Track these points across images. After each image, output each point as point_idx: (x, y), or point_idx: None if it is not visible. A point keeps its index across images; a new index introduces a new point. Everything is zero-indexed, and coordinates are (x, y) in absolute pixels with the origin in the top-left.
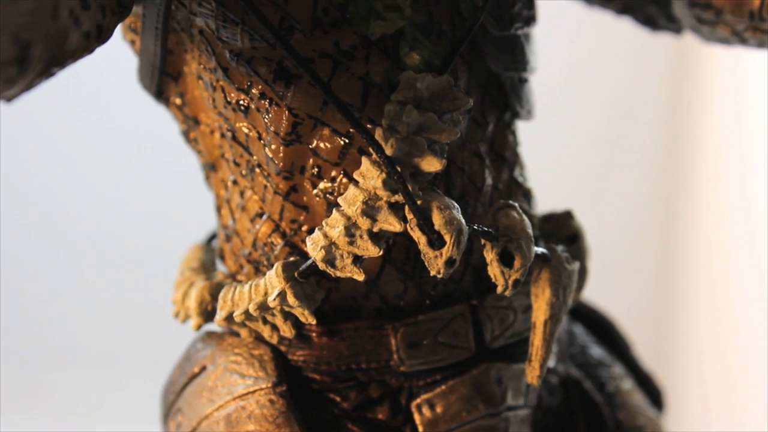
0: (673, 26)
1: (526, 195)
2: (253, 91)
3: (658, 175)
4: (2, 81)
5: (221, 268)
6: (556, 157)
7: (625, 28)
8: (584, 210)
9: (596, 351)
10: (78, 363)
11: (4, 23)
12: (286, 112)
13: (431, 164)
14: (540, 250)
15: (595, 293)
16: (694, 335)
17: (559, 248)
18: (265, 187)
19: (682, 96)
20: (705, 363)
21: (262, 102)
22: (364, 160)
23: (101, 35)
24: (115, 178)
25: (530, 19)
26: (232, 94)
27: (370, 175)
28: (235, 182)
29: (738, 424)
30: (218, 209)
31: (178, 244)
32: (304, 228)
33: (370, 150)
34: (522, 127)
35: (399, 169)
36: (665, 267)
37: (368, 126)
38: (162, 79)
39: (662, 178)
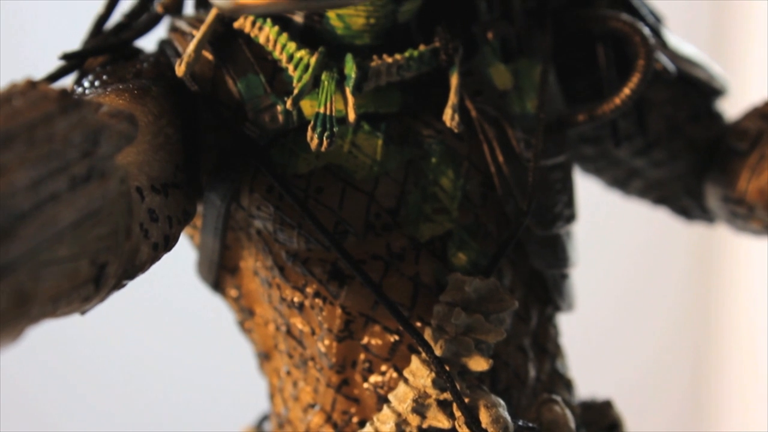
0: (707, 216)
1: (568, 385)
2: (308, 289)
3: (688, 323)
4: (80, 299)
5: None
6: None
7: None
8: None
9: None
10: None
11: (83, 249)
12: (339, 310)
13: (478, 364)
14: None
15: None
16: None
17: None
18: (318, 379)
19: (711, 247)
20: None
21: (316, 300)
22: (414, 359)
23: (168, 245)
24: None
25: (571, 218)
26: (288, 292)
27: (420, 373)
28: (288, 373)
29: None
30: (271, 397)
31: None
32: (355, 420)
33: (420, 348)
34: None
35: (447, 368)
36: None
37: (417, 324)
38: (219, 272)
39: (693, 326)
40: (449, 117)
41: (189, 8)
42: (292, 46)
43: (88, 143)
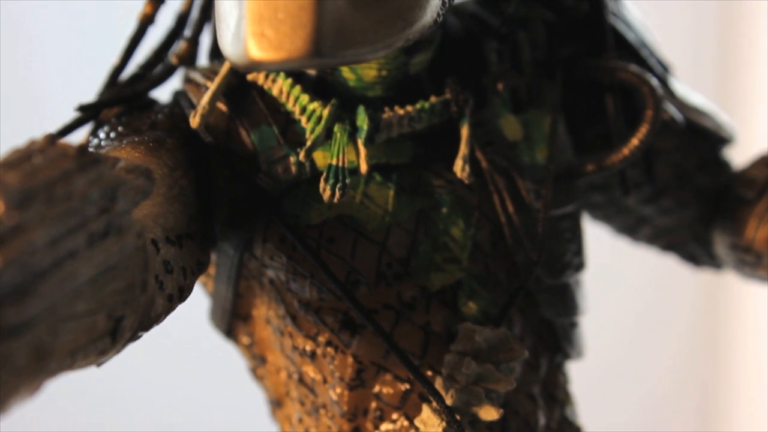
0: (715, 263)
1: None
2: (320, 338)
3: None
4: (97, 352)
5: None
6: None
7: None
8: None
9: None
10: None
11: (100, 303)
12: (351, 359)
13: (489, 413)
14: None
15: None
16: None
17: None
18: (329, 427)
19: (718, 294)
20: None
21: (328, 349)
22: (425, 408)
23: (182, 295)
24: None
25: (580, 266)
26: (300, 340)
27: (431, 422)
28: (300, 420)
29: None
30: None
31: None
32: None
33: (430, 397)
34: None
35: (458, 417)
36: None
37: (428, 373)
38: (232, 320)
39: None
40: (460, 168)
41: (203, 59)
42: (305, 98)
43: (106, 200)
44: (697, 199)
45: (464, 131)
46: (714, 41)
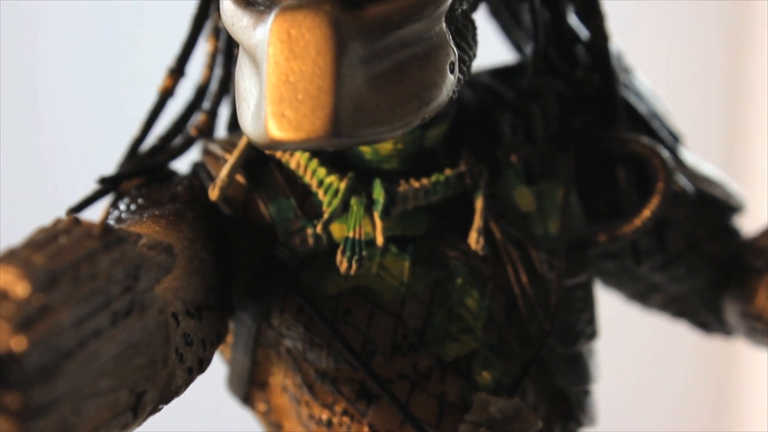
0: (725, 330)
1: None
2: (336, 407)
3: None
4: (119, 427)
5: None
6: None
7: None
8: None
9: None
10: None
11: (123, 380)
12: (367, 428)
13: None
14: None
15: None
16: None
17: None
18: None
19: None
20: None
21: (344, 418)
22: None
23: (201, 367)
24: None
25: (592, 335)
26: (316, 409)
27: None
28: None
29: None
30: None
31: None
32: None
33: None
34: None
35: None
36: None
37: None
38: (249, 387)
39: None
40: (474, 240)
41: (221, 130)
42: (322, 171)
43: (129, 278)
44: (707, 267)
45: (479, 203)
46: (722, 108)
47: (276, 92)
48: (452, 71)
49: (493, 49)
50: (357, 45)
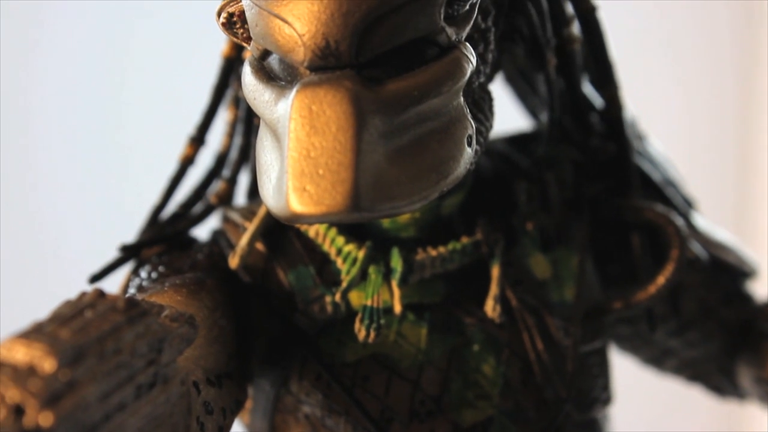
0: (739, 394)
1: None
2: None
3: None
4: None
5: None
6: None
7: None
8: None
9: None
10: None
11: None
12: None
13: None
14: None
15: None
16: None
17: None
18: None
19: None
20: None
21: None
22: None
23: None
24: None
25: (607, 401)
26: None
27: None
28: None
29: None
30: None
31: None
32: None
33: None
34: None
35: None
36: None
37: None
38: None
39: None
40: (491, 308)
41: (239, 197)
42: (340, 240)
43: (153, 352)
44: (722, 332)
45: (495, 271)
46: (735, 172)
47: (297, 167)
48: (470, 144)
49: (507, 114)
50: (377, 120)
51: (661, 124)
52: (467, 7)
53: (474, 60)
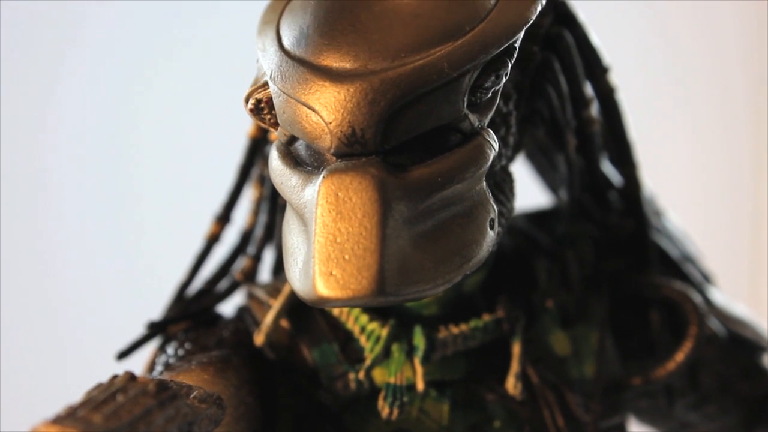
0: None
1: None
2: None
3: None
4: None
5: None
6: None
7: None
8: None
9: None
10: None
11: None
12: None
13: None
14: None
15: None
16: None
17: None
18: None
19: None
20: None
21: None
22: None
23: None
24: None
25: None
26: None
27: None
28: None
29: None
30: None
31: None
32: None
33: None
34: None
35: None
36: None
37: None
38: None
39: None
40: (512, 386)
41: (264, 273)
42: (364, 318)
43: None
44: (739, 406)
45: (516, 349)
46: (750, 244)
47: (324, 252)
48: (492, 227)
49: (527, 189)
50: (401, 206)
51: (677, 195)
52: (490, 94)
53: (496, 145)
